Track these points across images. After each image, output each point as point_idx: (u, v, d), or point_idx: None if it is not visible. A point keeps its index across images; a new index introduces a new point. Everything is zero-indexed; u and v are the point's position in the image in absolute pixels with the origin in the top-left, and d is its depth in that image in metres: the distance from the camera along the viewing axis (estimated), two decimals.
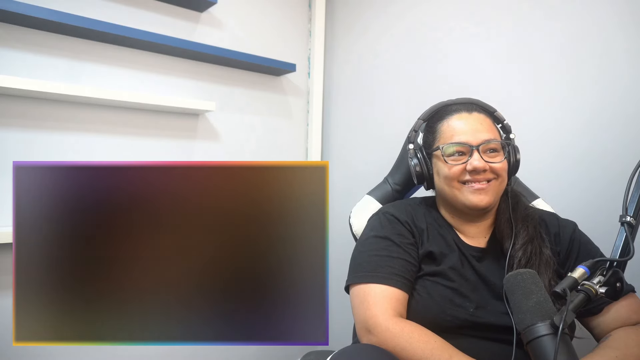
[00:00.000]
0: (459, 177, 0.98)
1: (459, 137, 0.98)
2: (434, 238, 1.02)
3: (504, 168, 1.00)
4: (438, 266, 0.98)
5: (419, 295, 0.95)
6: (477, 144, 0.97)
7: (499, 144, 0.99)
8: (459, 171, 0.97)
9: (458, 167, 0.97)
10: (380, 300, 0.91)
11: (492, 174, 0.97)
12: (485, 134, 0.98)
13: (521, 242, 0.97)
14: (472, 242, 1.02)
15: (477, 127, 0.99)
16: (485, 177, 0.97)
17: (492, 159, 0.97)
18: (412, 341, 0.83)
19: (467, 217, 1.03)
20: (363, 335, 0.90)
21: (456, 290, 0.94)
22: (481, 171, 0.96)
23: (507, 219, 1.02)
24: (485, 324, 0.92)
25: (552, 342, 0.63)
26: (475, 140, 0.97)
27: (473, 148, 0.97)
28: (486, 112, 1.05)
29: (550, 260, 0.95)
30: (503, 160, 0.98)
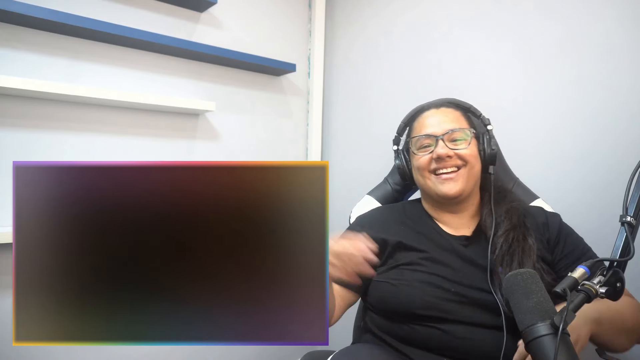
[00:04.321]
0: (428, 166, 1.04)
1: (426, 130, 1.05)
2: (408, 230, 1.05)
3: (473, 154, 1.03)
4: (415, 256, 1.00)
5: (399, 283, 0.97)
6: (441, 134, 1.02)
7: (463, 132, 1.03)
8: (427, 160, 1.03)
9: (426, 157, 1.04)
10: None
11: (460, 160, 1.02)
12: (450, 124, 1.04)
13: (503, 229, 0.98)
14: (456, 232, 1.05)
15: (443, 119, 1.05)
16: (453, 163, 1.01)
17: (457, 147, 1.02)
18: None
19: (446, 208, 1.07)
20: None
21: (435, 274, 0.96)
22: (446, 157, 1.01)
23: (490, 209, 1.04)
24: (470, 302, 0.93)
25: (552, 342, 0.63)
26: (440, 130, 1.03)
27: (438, 138, 1.02)
28: (458, 107, 1.10)
29: (533, 246, 0.96)
30: (469, 147, 1.02)
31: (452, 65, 1.64)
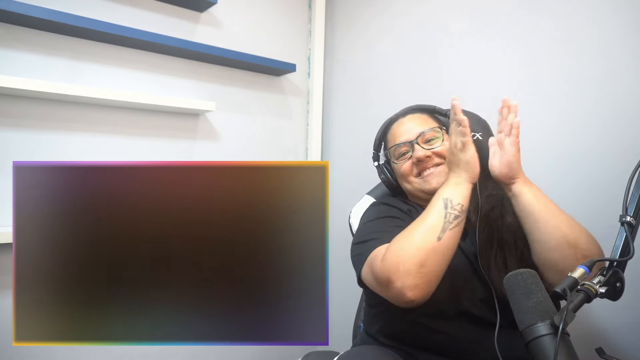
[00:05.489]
0: (410, 171, 1.08)
1: (400, 138, 1.10)
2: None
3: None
4: None
5: None
6: (414, 138, 1.07)
7: (433, 130, 1.08)
8: (409, 166, 1.08)
9: (407, 163, 1.08)
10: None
11: (439, 158, 1.06)
12: (420, 127, 1.09)
13: (483, 212, 1.01)
14: None
15: (412, 125, 1.11)
16: (433, 162, 1.05)
17: (432, 146, 1.06)
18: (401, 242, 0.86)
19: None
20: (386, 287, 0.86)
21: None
22: (425, 158, 1.04)
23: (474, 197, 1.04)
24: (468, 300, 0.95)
25: (552, 342, 0.63)
26: (412, 136, 1.08)
27: (412, 142, 1.07)
28: (423, 111, 1.14)
29: (513, 224, 0.98)
30: (443, 143, 1.06)
31: (452, 66, 1.64)
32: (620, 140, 1.24)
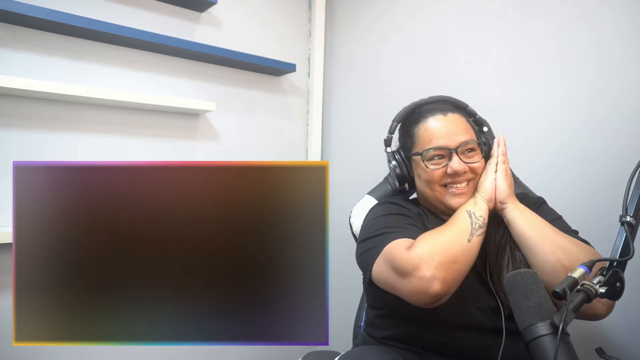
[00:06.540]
0: (440, 180, 1.01)
1: (437, 142, 1.00)
2: (428, 223, 1.06)
3: (482, 166, 1.03)
4: None
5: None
6: (455, 147, 0.99)
7: (475, 143, 1.02)
8: (440, 175, 1.00)
9: (439, 171, 1.00)
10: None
11: (472, 173, 1.01)
12: (462, 135, 1.00)
13: (493, 224, 1.00)
14: None
15: (454, 129, 1.01)
16: (466, 178, 1.01)
17: (470, 160, 1.01)
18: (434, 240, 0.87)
19: (446, 213, 1.05)
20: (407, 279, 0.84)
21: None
22: (462, 173, 0.99)
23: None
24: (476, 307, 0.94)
25: (552, 342, 0.63)
26: (453, 143, 0.99)
27: (452, 151, 0.99)
28: (459, 109, 1.07)
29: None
30: (481, 160, 1.02)
31: (452, 66, 1.64)
32: (619, 139, 1.24)
